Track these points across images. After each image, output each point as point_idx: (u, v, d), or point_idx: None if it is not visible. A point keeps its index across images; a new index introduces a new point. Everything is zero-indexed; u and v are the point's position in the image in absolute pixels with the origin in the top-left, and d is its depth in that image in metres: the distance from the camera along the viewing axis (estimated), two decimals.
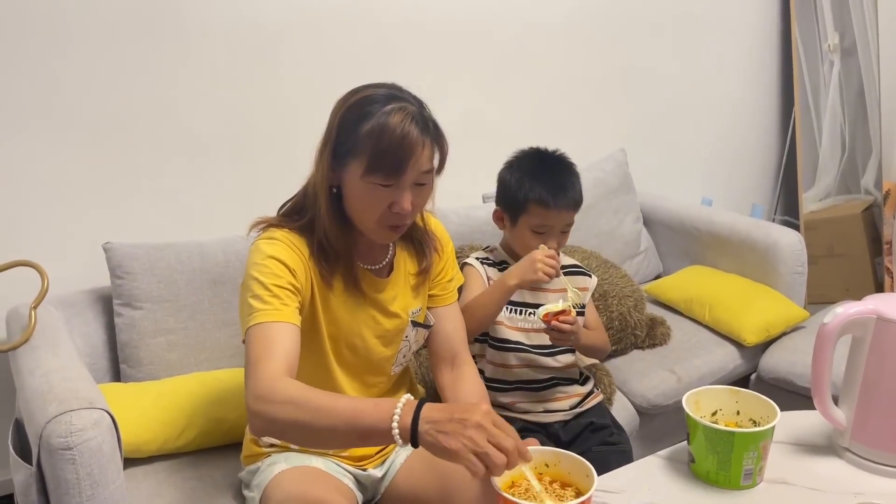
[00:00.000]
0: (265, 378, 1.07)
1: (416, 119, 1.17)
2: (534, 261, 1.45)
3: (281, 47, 2.01)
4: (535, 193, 1.51)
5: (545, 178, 1.52)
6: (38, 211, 1.78)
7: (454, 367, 1.43)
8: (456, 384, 1.41)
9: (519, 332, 1.61)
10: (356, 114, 1.18)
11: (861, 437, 1.24)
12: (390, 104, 1.17)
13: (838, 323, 1.21)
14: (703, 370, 2.02)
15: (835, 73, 3.16)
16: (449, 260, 1.46)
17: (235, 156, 2.00)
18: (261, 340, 1.12)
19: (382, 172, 1.16)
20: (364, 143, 1.15)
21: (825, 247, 3.14)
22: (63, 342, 1.49)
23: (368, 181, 1.17)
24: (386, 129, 1.14)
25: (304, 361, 1.28)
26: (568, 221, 1.54)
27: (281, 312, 1.15)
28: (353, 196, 1.21)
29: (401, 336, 1.38)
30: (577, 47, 2.56)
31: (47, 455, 1.16)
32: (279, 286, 1.17)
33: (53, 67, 1.73)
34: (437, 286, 1.44)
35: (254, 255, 1.22)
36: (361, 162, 1.16)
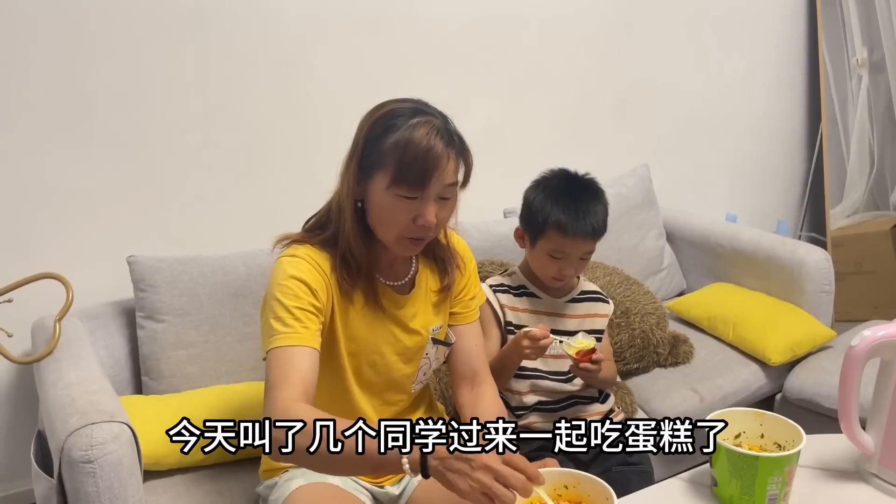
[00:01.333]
0: (280, 404, 1.08)
1: (441, 132, 1.17)
2: (521, 347, 1.44)
3: (304, 63, 2.02)
4: (555, 218, 1.49)
5: (567, 203, 1.49)
6: (64, 223, 1.80)
7: (474, 385, 1.43)
8: (475, 403, 1.40)
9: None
10: (382, 127, 1.19)
11: (890, 462, 1.21)
12: (416, 118, 1.18)
13: (866, 346, 1.18)
14: (727, 389, 1.99)
15: (863, 87, 3.12)
16: (471, 278, 1.45)
17: (259, 170, 2.02)
18: (279, 364, 1.13)
19: (407, 184, 1.16)
20: (389, 156, 1.16)
21: (853, 264, 3.09)
22: (86, 354, 1.51)
23: (393, 193, 1.17)
24: (411, 142, 1.15)
25: (323, 379, 1.28)
26: (587, 250, 1.51)
27: (301, 336, 1.16)
28: (377, 208, 1.21)
29: (421, 353, 1.37)
30: (598, 61, 2.56)
31: (68, 468, 1.17)
32: (300, 308, 1.18)
33: (80, 82, 1.76)
34: (458, 304, 1.43)
35: (277, 274, 1.23)
36: (386, 174, 1.17)
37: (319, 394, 1.32)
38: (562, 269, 1.51)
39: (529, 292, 1.61)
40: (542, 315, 1.59)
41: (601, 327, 1.63)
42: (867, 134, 3.15)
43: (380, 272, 1.31)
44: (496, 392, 1.43)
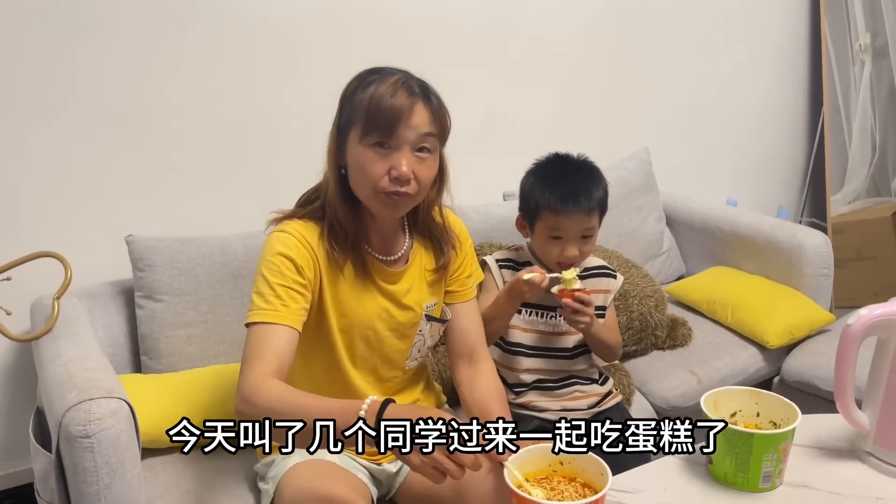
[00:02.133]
0: (251, 379, 1.10)
1: (405, 82, 1.20)
2: (520, 288, 1.45)
3: (303, 44, 2.02)
4: (545, 198, 1.50)
5: (558, 182, 1.51)
6: (63, 203, 1.80)
7: (471, 363, 1.43)
8: (473, 381, 1.40)
9: (536, 334, 1.60)
10: (354, 86, 1.22)
11: (885, 441, 1.21)
12: (384, 74, 1.21)
13: (862, 325, 1.18)
14: (725, 372, 1.99)
15: (866, 73, 3.10)
16: (468, 256, 1.45)
17: (258, 151, 2.01)
18: (255, 341, 1.16)
19: (377, 130, 1.17)
20: (360, 110, 1.19)
21: (853, 250, 3.08)
22: (85, 333, 1.51)
23: (365, 145, 1.19)
24: (377, 91, 1.18)
25: (316, 356, 1.29)
26: (585, 226, 1.50)
27: (280, 314, 1.17)
28: (353, 165, 1.21)
29: (415, 330, 1.37)
30: (601, 45, 2.54)
31: (66, 443, 1.18)
32: (284, 285, 1.19)
33: (80, 61, 1.75)
34: (455, 282, 1.43)
35: (265, 249, 1.24)
36: (358, 128, 1.19)
37: (314, 369, 1.33)
38: (564, 249, 1.50)
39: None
40: (546, 293, 1.59)
41: (602, 303, 1.63)
42: (869, 120, 3.14)
43: (370, 245, 1.31)
44: (494, 369, 1.44)
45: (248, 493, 1.44)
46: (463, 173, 2.19)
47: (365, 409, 1.00)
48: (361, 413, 0.99)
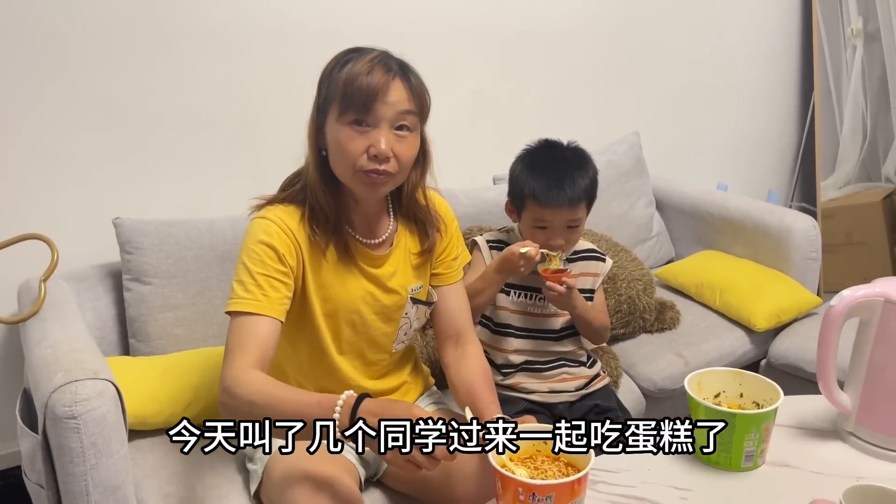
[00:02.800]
0: (232, 371, 1.13)
1: (381, 59, 1.20)
2: (513, 261, 1.46)
3: (290, 25, 2.00)
4: (530, 189, 1.49)
5: (544, 173, 1.50)
6: (51, 185, 1.79)
7: (459, 345, 1.43)
8: (460, 363, 1.41)
9: (524, 315, 1.61)
10: (332, 66, 1.22)
11: (866, 421, 1.23)
12: (362, 52, 1.21)
13: (845, 305, 1.19)
14: (712, 355, 2.01)
15: (857, 58, 3.10)
16: (453, 238, 1.45)
17: (246, 134, 2.00)
18: (237, 331, 1.18)
19: (353, 108, 1.17)
20: (336, 88, 1.18)
21: (843, 235, 3.09)
22: (71, 315, 1.51)
23: (343, 123, 1.18)
24: (354, 69, 1.17)
25: (301, 341, 1.30)
26: (569, 218, 1.50)
27: (260, 304, 1.18)
28: (333, 144, 1.21)
29: (400, 313, 1.37)
30: (592, 29, 2.53)
31: (52, 424, 1.18)
32: (265, 275, 1.20)
33: (67, 44, 1.74)
34: (440, 265, 1.43)
35: (246, 237, 1.25)
36: (336, 106, 1.19)
37: (300, 354, 1.33)
38: (549, 239, 1.50)
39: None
40: (534, 274, 1.60)
41: (591, 286, 1.63)
42: (860, 105, 3.14)
43: (353, 228, 1.31)
44: (481, 351, 1.44)
45: (236, 474, 1.44)
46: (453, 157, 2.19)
47: (340, 405, 1.02)
48: (337, 409, 1.02)
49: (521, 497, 0.98)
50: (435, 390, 1.56)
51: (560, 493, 0.98)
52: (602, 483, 1.15)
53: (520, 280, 1.59)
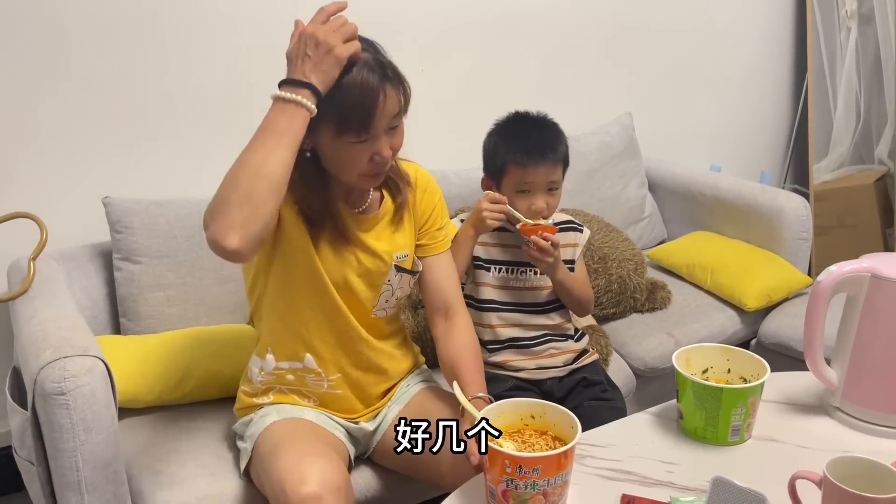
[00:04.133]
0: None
1: (372, 68, 1.16)
2: (480, 209, 1.50)
3: (280, 2, 1.99)
4: (511, 153, 1.52)
5: (520, 136, 1.54)
6: (40, 164, 1.79)
7: (447, 318, 1.44)
8: (448, 336, 1.41)
9: (507, 290, 1.62)
10: None
11: (852, 396, 1.23)
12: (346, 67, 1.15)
13: (832, 280, 1.20)
14: (702, 334, 2.01)
15: (852, 40, 3.09)
16: (437, 208, 1.45)
17: (236, 112, 1.99)
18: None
19: (353, 130, 1.16)
20: (329, 107, 1.14)
21: (836, 217, 3.10)
22: (61, 293, 1.51)
23: (344, 142, 1.18)
24: (348, 94, 1.14)
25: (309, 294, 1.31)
26: (550, 178, 1.53)
27: None
28: (331, 157, 1.22)
29: (382, 279, 1.37)
30: (584, 8, 2.52)
31: (41, 400, 1.18)
32: None
33: (55, 21, 1.72)
34: (425, 235, 1.43)
35: None
36: (329, 125, 1.16)
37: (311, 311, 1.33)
38: (532, 203, 1.52)
39: (502, 227, 1.61)
40: (515, 249, 1.60)
41: (571, 257, 1.64)
42: (854, 87, 3.14)
43: (340, 200, 1.32)
44: (469, 324, 1.45)
45: (227, 451, 1.45)
46: (444, 138, 2.19)
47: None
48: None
49: (507, 470, 0.98)
50: (425, 369, 1.56)
51: (546, 465, 0.98)
52: (589, 457, 1.16)
53: (500, 255, 1.61)
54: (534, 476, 0.98)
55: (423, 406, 1.40)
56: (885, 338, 1.20)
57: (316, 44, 1.11)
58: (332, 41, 1.11)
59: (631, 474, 1.12)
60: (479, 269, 1.61)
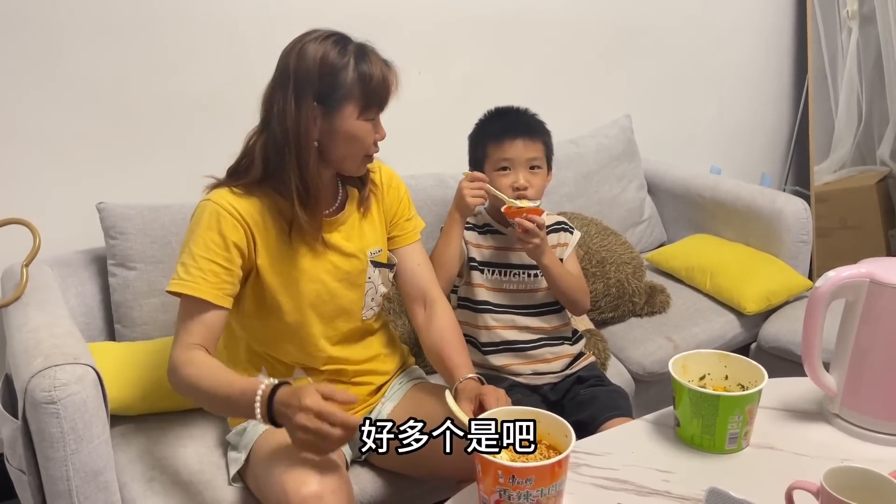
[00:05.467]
0: (176, 351, 1.22)
1: (378, 55, 1.29)
2: (460, 189, 1.53)
3: (276, 7, 1.98)
4: (488, 135, 1.58)
5: (497, 120, 1.61)
6: (34, 169, 1.78)
7: (426, 306, 1.45)
8: (429, 324, 1.43)
9: (500, 292, 1.61)
10: (334, 63, 1.24)
11: (851, 403, 1.22)
12: (360, 49, 1.27)
13: (831, 286, 1.19)
14: (702, 338, 2.00)
15: (853, 40, 3.07)
16: (403, 201, 1.48)
17: (231, 117, 1.97)
18: (182, 313, 1.26)
19: (376, 107, 1.28)
20: (352, 87, 1.24)
21: (838, 219, 3.08)
22: (54, 300, 1.50)
23: (363, 119, 1.27)
24: (372, 71, 1.26)
25: (265, 317, 1.33)
26: (529, 155, 1.55)
27: (199, 287, 1.23)
28: (347, 137, 1.27)
29: (363, 278, 1.39)
30: (583, 10, 2.51)
31: (32, 408, 1.17)
32: (209, 259, 1.24)
33: (51, 26, 1.72)
34: (395, 227, 1.46)
35: (195, 220, 1.28)
36: (356, 104, 1.25)
37: (265, 331, 1.37)
38: (513, 181, 1.54)
39: (494, 230, 1.63)
40: (507, 251, 1.59)
41: (559, 256, 1.63)
42: (856, 88, 3.12)
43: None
44: (449, 310, 1.46)
45: (220, 459, 1.44)
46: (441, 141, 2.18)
47: (259, 398, 1.10)
48: (257, 402, 1.10)
49: (500, 480, 0.97)
50: (416, 368, 1.56)
51: (540, 475, 0.97)
52: (585, 466, 1.15)
53: (492, 257, 1.62)
54: (527, 486, 0.97)
55: (417, 402, 1.41)
56: (885, 344, 1.18)
57: (305, 428, 1.06)
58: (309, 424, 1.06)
59: (626, 483, 1.11)
60: (474, 270, 1.61)
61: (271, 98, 1.27)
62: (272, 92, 1.28)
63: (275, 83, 1.28)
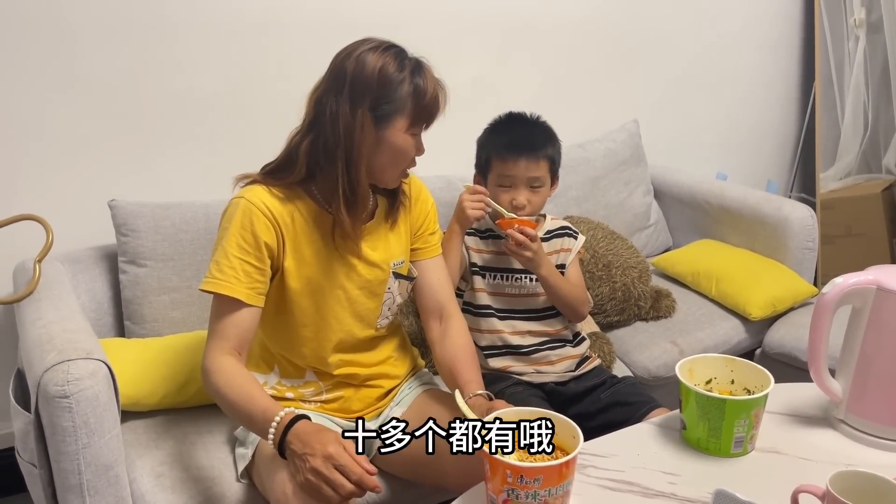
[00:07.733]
0: (210, 355, 1.24)
1: (437, 78, 1.31)
2: (461, 201, 1.53)
3: (285, 7, 1.99)
4: (493, 147, 1.58)
5: (505, 132, 1.59)
6: (46, 167, 1.79)
7: (442, 320, 1.45)
8: (443, 339, 1.43)
9: (502, 297, 1.62)
10: (392, 73, 1.25)
11: (857, 408, 1.23)
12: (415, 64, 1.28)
13: (837, 292, 1.19)
14: (707, 343, 2.01)
15: (860, 49, 3.08)
16: (429, 214, 1.48)
17: (242, 115, 2.00)
18: (217, 312, 1.26)
19: (425, 122, 1.31)
20: (405, 100, 1.26)
21: (843, 226, 3.08)
22: (66, 296, 1.51)
23: (411, 133, 1.29)
24: (426, 87, 1.28)
25: (284, 318, 1.34)
26: (531, 174, 1.55)
27: (232, 287, 1.24)
28: (394, 149, 1.29)
29: (383, 287, 1.39)
30: (591, 16, 2.52)
31: (45, 402, 1.18)
32: (242, 259, 1.24)
33: (64, 24, 1.73)
34: (418, 240, 1.46)
35: (227, 217, 1.27)
36: (407, 117, 1.27)
37: (281, 332, 1.37)
38: (513, 197, 1.55)
39: (495, 235, 1.64)
40: (508, 256, 1.60)
41: (562, 262, 1.64)
42: (862, 96, 3.13)
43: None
44: (464, 326, 1.46)
45: (229, 455, 1.45)
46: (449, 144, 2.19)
47: (276, 423, 1.13)
48: (273, 426, 1.12)
49: (509, 479, 0.98)
50: (426, 372, 1.56)
51: (548, 475, 0.98)
52: (591, 467, 1.15)
53: (493, 262, 1.62)
54: (535, 486, 0.98)
55: (425, 408, 1.41)
56: (891, 350, 1.19)
57: (319, 474, 1.07)
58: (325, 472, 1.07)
59: (633, 485, 1.12)
60: (476, 275, 1.62)
61: (322, 100, 1.26)
62: (324, 94, 1.26)
63: (328, 86, 1.27)
